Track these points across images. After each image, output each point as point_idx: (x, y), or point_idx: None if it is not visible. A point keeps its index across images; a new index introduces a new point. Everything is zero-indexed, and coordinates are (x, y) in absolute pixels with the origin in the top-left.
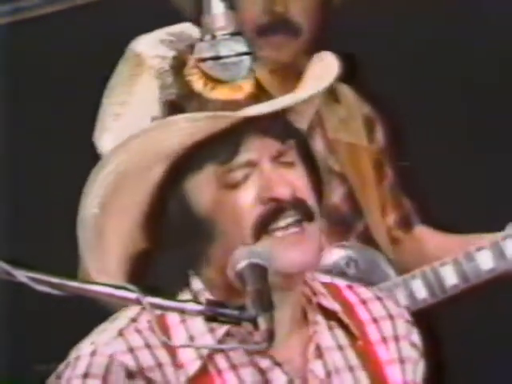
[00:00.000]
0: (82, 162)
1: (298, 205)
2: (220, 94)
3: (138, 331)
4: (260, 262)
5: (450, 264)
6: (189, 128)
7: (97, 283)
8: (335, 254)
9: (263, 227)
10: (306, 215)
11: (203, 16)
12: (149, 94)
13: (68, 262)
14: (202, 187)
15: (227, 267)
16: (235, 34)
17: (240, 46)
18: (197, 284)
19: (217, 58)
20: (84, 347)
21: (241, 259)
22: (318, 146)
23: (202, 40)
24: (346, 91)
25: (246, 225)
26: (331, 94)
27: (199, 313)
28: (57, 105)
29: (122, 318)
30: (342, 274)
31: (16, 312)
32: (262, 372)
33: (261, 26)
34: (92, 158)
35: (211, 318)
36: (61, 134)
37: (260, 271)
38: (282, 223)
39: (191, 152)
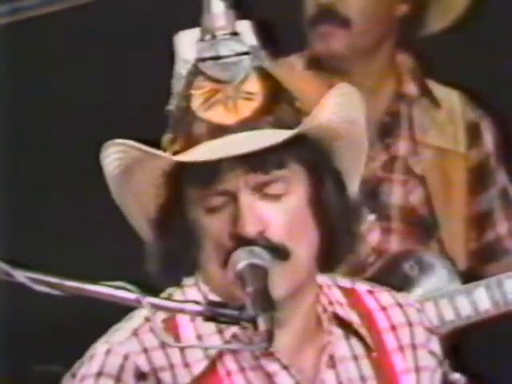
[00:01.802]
0: (82, 161)
1: (265, 245)
2: (212, 115)
3: (152, 331)
4: (260, 263)
5: None
6: (123, 159)
7: (96, 283)
8: (400, 256)
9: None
10: (276, 255)
11: (203, 16)
12: None
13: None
14: (191, 202)
15: (212, 278)
16: (235, 33)
17: (240, 46)
18: (204, 285)
19: (217, 57)
20: (99, 346)
21: (241, 259)
22: (402, 145)
23: (202, 40)
24: (453, 96)
25: (217, 253)
26: (430, 97)
27: (199, 313)
28: (57, 105)
29: (136, 318)
30: (404, 276)
31: (16, 312)
32: (268, 375)
33: (309, 17)
34: (92, 157)
35: (210, 318)
36: (61, 134)
37: (260, 271)
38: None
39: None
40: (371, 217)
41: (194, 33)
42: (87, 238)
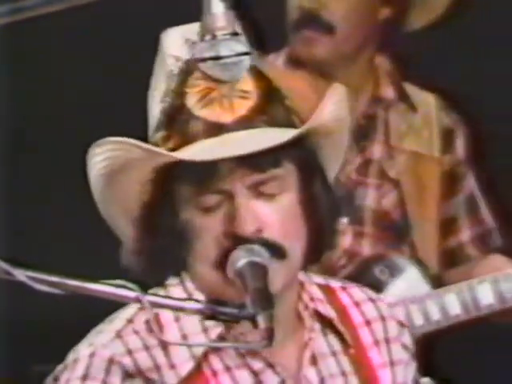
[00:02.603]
0: (82, 161)
1: (262, 243)
2: (208, 113)
3: (136, 332)
4: (260, 261)
5: (487, 282)
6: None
7: (96, 282)
8: (371, 260)
9: (224, 264)
10: (273, 253)
11: (203, 16)
12: (157, 95)
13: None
14: (183, 201)
15: (201, 278)
16: (235, 33)
17: (240, 46)
18: (190, 284)
19: (217, 58)
20: (82, 349)
21: (240, 257)
22: (377, 149)
23: (202, 40)
24: (430, 100)
25: (210, 253)
26: (407, 101)
27: (198, 311)
28: (57, 104)
29: (118, 320)
30: (375, 280)
31: (15, 312)
32: (255, 373)
33: (292, 20)
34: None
35: (210, 316)
36: (61, 134)
37: (260, 269)
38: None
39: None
40: (344, 220)
41: (183, 29)
42: (87, 237)
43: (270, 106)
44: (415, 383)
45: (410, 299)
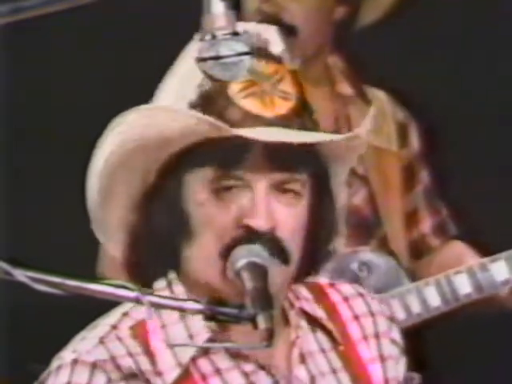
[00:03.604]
0: (82, 161)
1: (271, 243)
2: (249, 104)
3: (119, 339)
4: (259, 261)
5: (464, 273)
6: (181, 122)
7: (96, 282)
8: (348, 258)
9: (229, 254)
10: (278, 256)
11: (203, 16)
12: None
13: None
14: (196, 185)
15: (198, 271)
16: (235, 33)
17: (240, 46)
18: (178, 287)
19: (217, 57)
20: (65, 356)
21: (240, 258)
22: None
23: (202, 40)
24: (381, 96)
25: (218, 241)
26: (363, 96)
27: (198, 311)
28: (57, 104)
29: (101, 326)
30: (355, 277)
31: (16, 311)
32: (246, 375)
33: None
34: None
35: (210, 316)
36: (61, 134)
37: (259, 270)
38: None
39: (195, 146)
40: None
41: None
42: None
43: (304, 113)
44: (406, 379)
45: (390, 294)
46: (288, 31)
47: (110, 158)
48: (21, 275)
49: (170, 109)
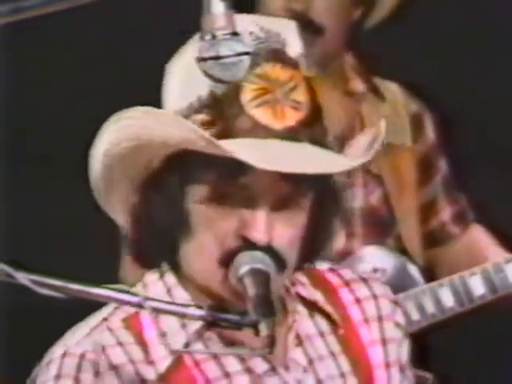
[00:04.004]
0: (83, 161)
1: (268, 253)
2: (259, 115)
3: (110, 329)
4: (262, 268)
5: (478, 274)
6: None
7: (99, 286)
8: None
9: (228, 262)
10: (275, 264)
11: (203, 16)
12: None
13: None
14: (197, 185)
15: (198, 274)
16: (235, 33)
17: (240, 46)
18: (170, 278)
19: (217, 57)
20: (56, 350)
21: (243, 264)
22: None
23: (202, 40)
24: (394, 89)
25: (218, 245)
26: (376, 92)
27: (200, 317)
28: (57, 104)
29: (93, 319)
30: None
31: (16, 311)
32: (243, 360)
33: None
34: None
35: (212, 323)
36: (61, 134)
37: (262, 276)
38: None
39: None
40: None
41: (247, 17)
42: (87, 238)
43: (314, 122)
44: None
45: (404, 295)
46: (315, 30)
47: (111, 149)
48: (23, 278)
49: (171, 116)
